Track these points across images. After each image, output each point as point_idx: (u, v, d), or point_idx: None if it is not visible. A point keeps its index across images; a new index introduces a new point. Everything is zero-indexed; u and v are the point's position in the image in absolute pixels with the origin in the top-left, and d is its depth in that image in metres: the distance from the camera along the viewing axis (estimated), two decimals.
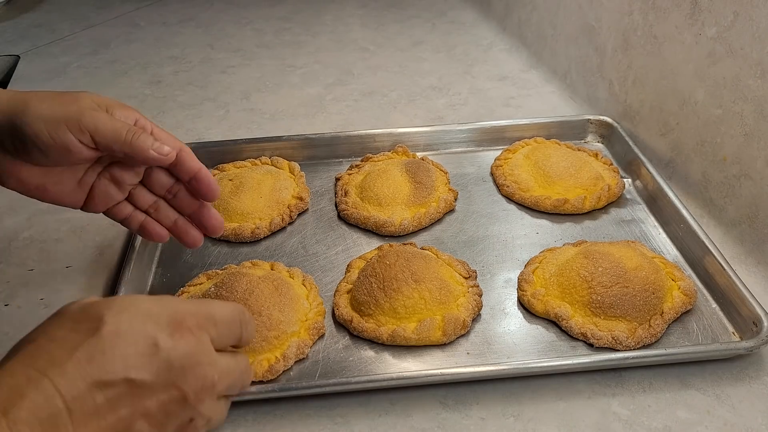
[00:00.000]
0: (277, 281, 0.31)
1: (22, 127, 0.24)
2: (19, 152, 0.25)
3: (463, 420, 0.28)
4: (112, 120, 0.26)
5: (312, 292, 0.33)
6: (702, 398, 0.29)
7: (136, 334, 0.18)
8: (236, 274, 0.31)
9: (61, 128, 0.24)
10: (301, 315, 0.31)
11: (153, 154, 0.26)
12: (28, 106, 0.25)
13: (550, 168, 0.42)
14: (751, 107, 0.37)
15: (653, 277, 0.33)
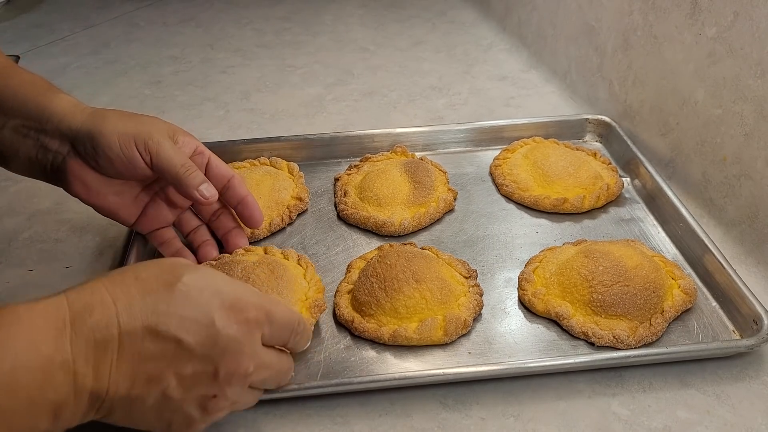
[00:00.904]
0: (272, 264, 0.31)
1: (98, 137, 0.28)
2: (90, 158, 0.28)
3: (463, 420, 0.28)
4: (173, 150, 0.29)
5: (309, 270, 0.33)
6: (702, 398, 0.29)
7: (200, 304, 0.20)
8: (230, 263, 0.31)
9: (131, 144, 0.28)
10: (300, 295, 0.31)
11: (196, 195, 0.29)
12: (108, 119, 0.29)
13: (549, 167, 0.42)
14: (751, 107, 0.37)
15: (653, 276, 0.33)
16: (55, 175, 0.29)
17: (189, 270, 0.21)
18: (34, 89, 0.29)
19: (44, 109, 0.28)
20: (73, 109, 0.29)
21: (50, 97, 0.29)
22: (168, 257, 0.24)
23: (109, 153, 0.28)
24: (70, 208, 0.43)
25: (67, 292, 0.19)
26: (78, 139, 0.28)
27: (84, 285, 0.20)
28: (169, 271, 0.20)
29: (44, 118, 0.28)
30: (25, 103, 0.28)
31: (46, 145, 0.28)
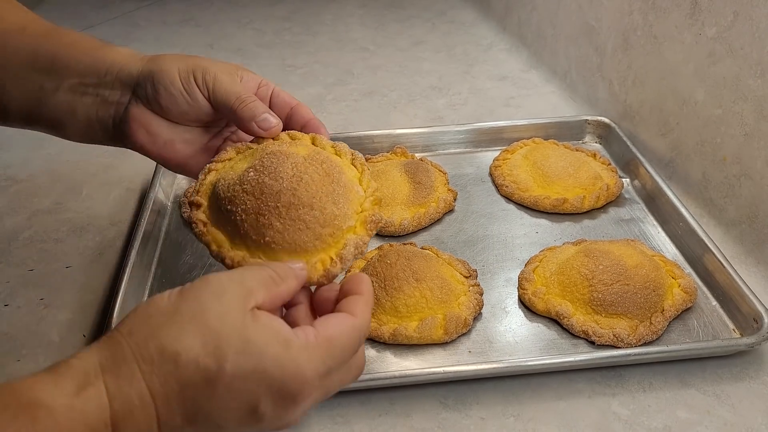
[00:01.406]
0: (327, 163, 0.25)
1: (159, 74, 0.26)
2: (153, 101, 0.27)
3: (463, 420, 0.28)
4: (230, 83, 0.26)
5: (364, 174, 0.26)
6: (702, 398, 0.29)
7: (243, 395, 0.18)
8: (278, 155, 0.24)
9: (189, 77, 0.26)
10: (356, 205, 0.25)
11: (254, 127, 0.26)
12: (167, 58, 0.27)
13: (549, 168, 0.42)
14: (751, 107, 0.37)
15: (653, 275, 0.33)
16: (117, 130, 0.27)
17: (233, 349, 0.18)
18: (89, 45, 0.27)
19: (102, 62, 0.27)
20: (132, 58, 0.27)
21: (106, 50, 0.27)
22: (212, 303, 0.18)
23: (171, 89, 0.26)
24: (70, 208, 0.43)
25: (105, 378, 0.17)
26: (139, 83, 0.26)
27: (120, 365, 0.17)
28: (212, 352, 0.18)
29: (102, 70, 0.27)
30: (81, 59, 0.27)
31: (106, 99, 0.27)
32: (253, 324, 0.19)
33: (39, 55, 0.27)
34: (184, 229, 0.40)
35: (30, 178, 0.46)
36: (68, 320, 0.34)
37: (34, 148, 0.50)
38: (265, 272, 0.21)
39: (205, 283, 0.19)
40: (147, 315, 0.19)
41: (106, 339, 0.19)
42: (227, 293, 0.19)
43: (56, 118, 0.28)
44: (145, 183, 0.44)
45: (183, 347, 0.18)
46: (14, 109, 0.28)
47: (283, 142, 0.27)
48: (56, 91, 0.27)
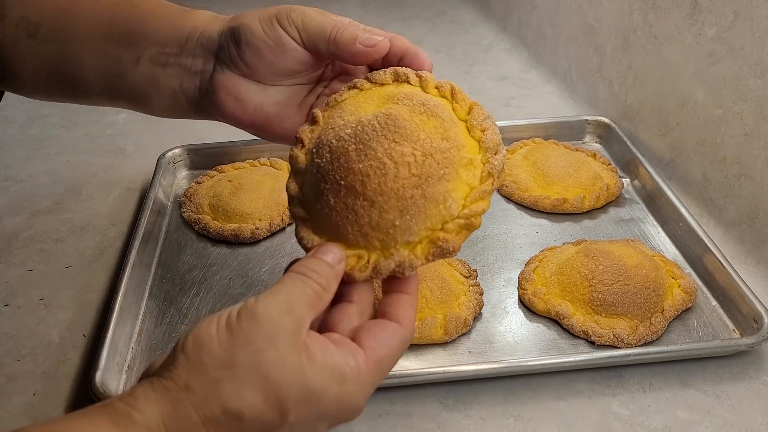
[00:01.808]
0: (440, 162, 0.20)
1: (238, 29, 0.24)
2: (238, 61, 0.24)
3: (463, 420, 0.28)
4: (321, 16, 0.24)
5: (484, 168, 0.21)
6: (702, 398, 0.29)
7: (305, 430, 0.19)
8: (396, 125, 0.20)
9: (273, 23, 0.24)
10: (434, 221, 0.20)
11: (359, 47, 0.23)
12: (248, 13, 0.25)
13: (549, 168, 0.42)
14: (751, 107, 0.37)
15: (654, 275, 0.33)
16: (204, 101, 0.25)
17: (294, 400, 0.18)
18: (167, 12, 0.25)
19: (181, 29, 0.25)
20: (212, 21, 0.25)
21: (186, 15, 0.25)
22: (269, 349, 0.18)
23: (253, 40, 0.23)
24: (70, 208, 0.43)
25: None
26: (221, 46, 0.24)
27: (184, 426, 0.17)
28: (274, 406, 0.17)
29: (183, 38, 0.25)
30: (160, 27, 0.25)
31: (189, 68, 0.25)
32: (310, 367, 0.18)
33: (114, 25, 0.25)
34: (184, 229, 0.40)
35: (30, 178, 0.46)
36: (68, 320, 0.34)
37: (34, 148, 0.50)
38: (310, 289, 0.19)
39: (255, 321, 0.18)
40: (201, 365, 0.18)
41: (162, 389, 0.18)
42: (280, 334, 0.18)
43: (139, 92, 0.26)
44: (145, 183, 0.44)
45: (246, 405, 0.17)
46: (95, 85, 0.26)
47: (410, 98, 0.21)
48: (136, 64, 0.25)
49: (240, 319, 0.18)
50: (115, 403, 0.18)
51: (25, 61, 0.26)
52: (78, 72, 0.26)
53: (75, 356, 0.32)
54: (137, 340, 0.32)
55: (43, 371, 0.31)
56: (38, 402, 0.29)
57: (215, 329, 0.18)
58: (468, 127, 0.21)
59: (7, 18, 0.25)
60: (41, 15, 0.25)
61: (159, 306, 0.34)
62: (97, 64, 0.26)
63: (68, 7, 0.26)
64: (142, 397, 0.18)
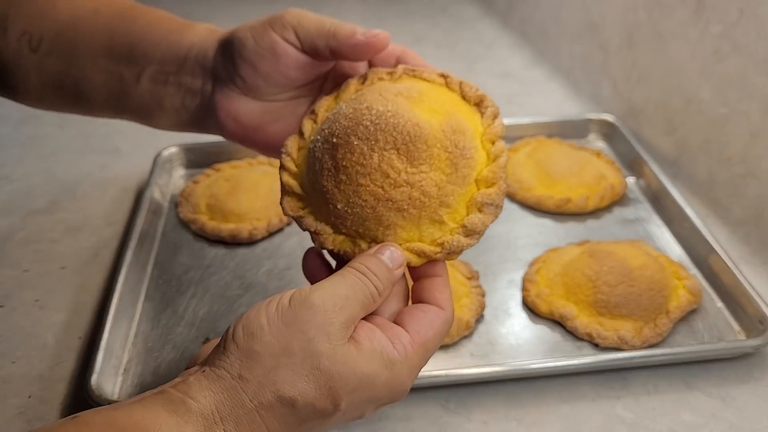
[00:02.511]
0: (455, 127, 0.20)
1: (231, 41, 0.23)
2: (234, 77, 0.23)
3: (465, 424, 0.28)
4: (316, 15, 0.23)
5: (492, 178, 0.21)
6: (707, 400, 0.29)
7: (356, 414, 0.19)
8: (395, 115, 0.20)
9: (265, 30, 0.23)
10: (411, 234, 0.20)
11: (360, 38, 0.22)
12: (241, 25, 0.24)
13: (553, 167, 0.41)
14: (756, 105, 0.37)
15: (658, 276, 0.32)
16: (204, 120, 0.25)
17: (347, 389, 0.18)
18: (166, 27, 0.25)
19: (179, 47, 0.24)
20: (210, 36, 0.24)
21: (184, 31, 0.24)
22: (323, 343, 0.18)
23: (245, 52, 0.22)
24: (65, 208, 0.42)
25: (225, 425, 0.17)
26: (217, 62, 0.24)
27: (239, 412, 0.17)
28: (327, 394, 0.18)
29: (181, 56, 0.24)
30: (157, 45, 0.24)
31: (189, 87, 0.24)
32: (359, 356, 0.19)
33: (115, 41, 0.25)
34: (180, 230, 0.40)
35: (24, 178, 0.46)
36: (63, 322, 0.33)
37: (28, 147, 0.49)
38: (368, 291, 0.20)
39: (311, 311, 0.18)
40: (254, 354, 0.18)
41: (216, 378, 0.18)
42: (333, 326, 0.18)
43: (142, 108, 0.26)
44: (141, 182, 0.44)
45: (299, 392, 0.18)
46: (99, 99, 0.26)
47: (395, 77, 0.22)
48: (138, 81, 0.25)
49: (292, 306, 0.19)
50: (170, 391, 0.18)
51: (29, 74, 0.26)
52: (82, 86, 0.26)
53: (70, 358, 0.31)
54: (133, 342, 0.32)
55: (38, 374, 0.30)
56: (33, 405, 0.29)
57: (265, 318, 0.18)
58: (471, 199, 0.21)
59: (10, 31, 0.25)
60: (44, 29, 0.25)
61: (155, 308, 0.34)
62: (100, 80, 0.26)
63: (71, 22, 0.25)
64: (196, 386, 0.18)
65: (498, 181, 0.21)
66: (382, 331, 0.20)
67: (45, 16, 0.25)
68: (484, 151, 0.22)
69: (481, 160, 0.21)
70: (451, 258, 0.21)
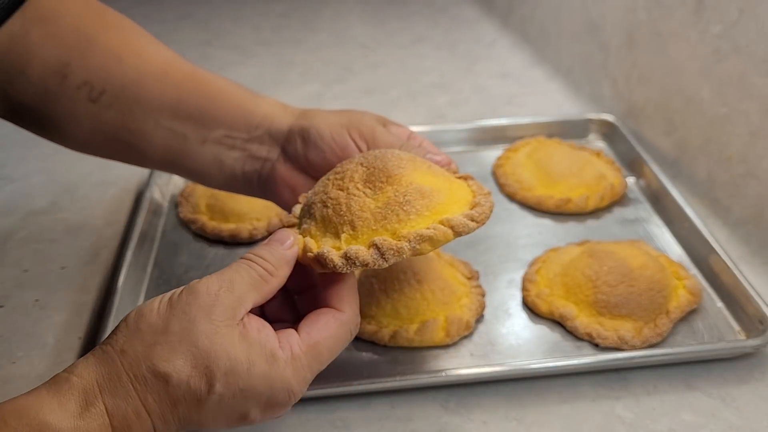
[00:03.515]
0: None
1: (309, 129, 0.26)
2: (301, 156, 0.26)
3: (465, 424, 0.28)
4: (388, 133, 0.26)
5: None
6: (707, 401, 0.29)
7: (233, 409, 0.19)
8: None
9: (343, 132, 0.26)
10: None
11: (439, 159, 0.26)
12: (319, 113, 0.26)
13: (553, 167, 0.41)
14: (756, 105, 0.37)
15: (658, 276, 0.32)
16: (261, 185, 0.27)
17: (222, 369, 0.18)
18: (237, 96, 0.26)
19: (253, 116, 0.26)
20: (283, 112, 0.26)
21: (258, 102, 0.26)
22: (205, 323, 0.18)
23: (321, 143, 0.25)
24: (65, 208, 0.42)
25: (104, 398, 0.18)
26: (289, 139, 0.26)
27: (116, 384, 0.18)
28: (202, 373, 0.18)
29: (253, 125, 0.26)
30: (230, 111, 0.26)
31: (254, 154, 0.26)
32: (241, 342, 0.19)
33: (183, 103, 0.26)
34: (180, 230, 0.40)
35: (24, 177, 0.46)
36: (63, 322, 0.33)
37: (28, 147, 0.49)
38: (255, 272, 0.20)
39: (193, 295, 0.19)
40: (138, 330, 0.19)
41: (101, 354, 0.19)
42: (216, 308, 0.19)
43: (200, 169, 0.27)
44: (141, 182, 0.44)
45: (174, 368, 0.18)
46: (154, 155, 0.27)
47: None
48: (203, 143, 0.26)
49: (182, 294, 0.20)
50: (58, 374, 0.19)
51: (82, 123, 0.26)
52: (138, 141, 0.26)
53: (70, 359, 0.31)
54: None
55: (38, 374, 0.30)
56: None
57: (158, 303, 0.19)
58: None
59: (70, 79, 0.25)
60: (107, 82, 0.26)
61: None
62: (161, 138, 0.26)
63: (137, 78, 0.26)
64: (82, 364, 0.19)
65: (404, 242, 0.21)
66: (274, 332, 0.20)
67: (111, 70, 0.25)
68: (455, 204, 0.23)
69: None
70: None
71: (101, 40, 0.26)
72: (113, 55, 0.26)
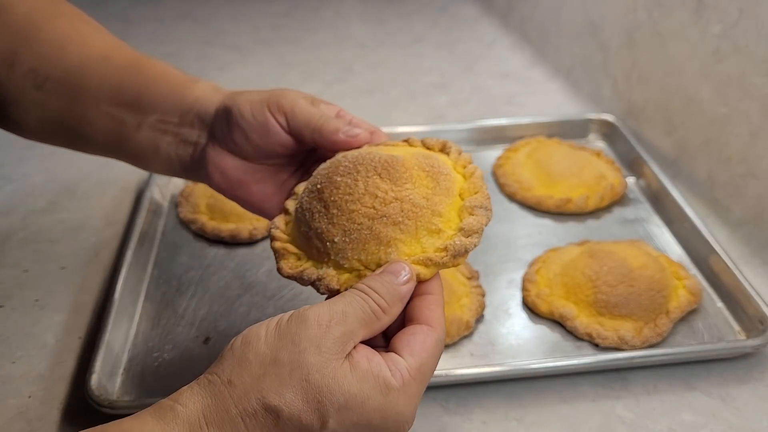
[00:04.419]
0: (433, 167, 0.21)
1: (231, 108, 0.25)
2: (227, 139, 0.26)
3: (465, 424, 0.28)
4: (309, 107, 0.25)
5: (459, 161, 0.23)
6: (707, 400, 0.29)
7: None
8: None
9: (263, 108, 0.25)
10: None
11: (341, 137, 0.25)
12: (243, 92, 0.26)
13: (553, 167, 0.41)
14: (756, 105, 0.37)
15: (658, 276, 0.32)
16: (195, 169, 0.27)
17: (335, 405, 0.18)
18: (172, 81, 0.26)
19: (184, 100, 0.26)
20: (213, 94, 0.26)
21: (189, 86, 0.26)
22: (313, 362, 0.18)
23: (242, 122, 0.25)
24: (65, 208, 0.42)
25: (210, 430, 0.17)
26: (215, 122, 0.26)
27: (224, 418, 0.17)
28: (315, 408, 0.17)
29: (185, 109, 0.26)
30: (163, 97, 0.26)
31: (186, 138, 0.26)
32: (353, 374, 0.18)
33: (123, 89, 0.26)
34: (180, 230, 0.40)
35: (24, 177, 0.46)
36: (63, 322, 0.33)
37: (28, 147, 0.49)
38: (368, 307, 0.19)
39: (304, 324, 0.18)
40: (246, 361, 0.18)
41: (207, 384, 0.18)
42: (326, 340, 0.18)
43: (138, 153, 0.27)
44: (141, 182, 0.44)
45: (285, 402, 0.18)
46: (96, 140, 0.27)
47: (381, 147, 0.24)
48: (138, 128, 0.26)
49: (290, 321, 0.19)
50: (163, 401, 0.18)
51: (29, 109, 0.27)
52: (81, 127, 0.27)
53: (70, 358, 0.31)
54: (133, 342, 0.32)
55: (38, 374, 0.30)
56: (33, 405, 0.29)
57: (264, 330, 0.19)
58: (461, 208, 0.22)
59: (17, 67, 0.26)
60: (51, 69, 0.26)
61: (155, 308, 0.34)
62: (101, 123, 0.26)
63: (79, 66, 0.26)
64: (187, 393, 0.18)
65: (480, 189, 0.22)
66: (382, 357, 0.19)
67: (54, 57, 0.26)
68: (458, 173, 0.23)
69: (458, 179, 0.23)
70: (457, 262, 0.20)
71: (48, 28, 0.26)
72: (58, 43, 0.26)
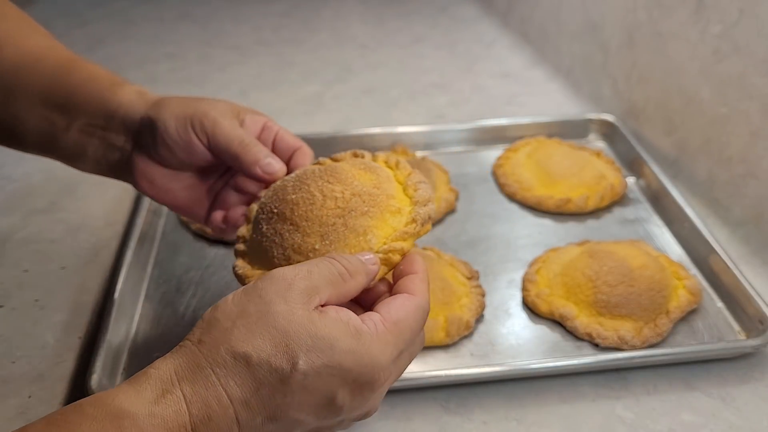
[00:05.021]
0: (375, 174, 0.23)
1: (156, 123, 0.26)
2: (152, 150, 0.26)
3: (465, 424, 0.28)
4: (232, 129, 0.26)
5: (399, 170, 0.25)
6: (707, 401, 0.29)
7: (319, 389, 0.18)
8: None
9: (186, 126, 0.26)
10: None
11: (258, 171, 0.26)
12: (168, 104, 0.26)
13: (553, 167, 0.41)
14: (757, 105, 0.37)
15: (658, 276, 0.32)
16: (123, 173, 0.28)
17: (304, 347, 0.18)
18: (98, 85, 0.27)
19: (109, 105, 0.26)
20: (138, 100, 0.26)
21: (115, 91, 0.26)
22: (279, 303, 0.18)
23: (167, 139, 0.25)
24: (65, 208, 0.42)
25: (182, 386, 0.18)
26: (140, 131, 0.26)
27: (195, 372, 0.18)
28: (283, 351, 0.18)
29: (109, 114, 0.26)
30: (89, 101, 0.26)
31: (112, 143, 0.27)
32: (321, 319, 0.19)
33: (53, 91, 0.27)
34: (180, 229, 0.40)
35: (24, 177, 0.46)
36: (63, 322, 0.33)
37: None
38: (334, 268, 0.20)
39: (269, 280, 0.19)
40: (214, 320, 0.19)
41: (179, 349, 0.19)
42: (292, 291, 0.19)
43: (69, 154, 0.28)
44: None
45: (254, 348, 0.18)
46: (30, 139, 0.28)
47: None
48: (67, 130, 0.27)
49: (257, 282, 0.19)
50: (138, 373, 0.19)
51: None
52: (16, 125, 0.27)
53: (70, 358, 0.31)
54: (133, 341, 0.32)
55: (38, 374, 0.30)
56: (33, 404, 0.29)
57: (232, 295, 0.19)
58: (404, 187, 0.24)
59: None
60: None
61: (155, 308, 0.34)
62: (34, 124, 0.27)
63: (13, 67, 0.27)
64: (160, 359, 0.19)
65: (411, 171, 0.25)
66: (352, 312, 0.19)
67: None
68: (385, 166, 0.25)
69: (388, 170, 0.25)
70: (426, 229, 0.23)
71: None
72: None
